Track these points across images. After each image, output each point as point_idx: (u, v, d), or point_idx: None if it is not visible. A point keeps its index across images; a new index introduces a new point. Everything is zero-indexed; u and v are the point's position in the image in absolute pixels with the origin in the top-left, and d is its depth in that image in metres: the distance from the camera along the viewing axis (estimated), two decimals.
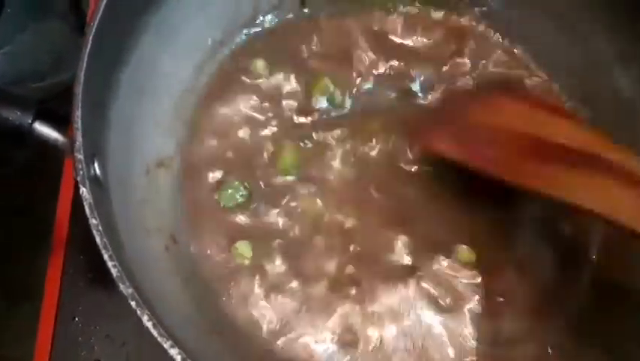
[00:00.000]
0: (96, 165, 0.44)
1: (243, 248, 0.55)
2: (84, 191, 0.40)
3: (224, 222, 0.57)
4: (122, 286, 0.38)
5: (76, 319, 0.57)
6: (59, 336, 0.56)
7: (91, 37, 0.44)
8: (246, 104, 0.62)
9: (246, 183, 0.58)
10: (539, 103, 0.58)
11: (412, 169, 0.60)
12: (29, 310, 0.58)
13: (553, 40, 0.64)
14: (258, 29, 0.65)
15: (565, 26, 0.63)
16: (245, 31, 0.64)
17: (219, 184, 0.58)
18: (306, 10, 0.66)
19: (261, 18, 0.65)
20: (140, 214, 0.52)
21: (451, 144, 0.58)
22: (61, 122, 0.44)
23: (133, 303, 0.37)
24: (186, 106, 0.60)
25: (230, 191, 0.57)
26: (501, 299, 0.56)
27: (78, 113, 0.42)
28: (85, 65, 0.43)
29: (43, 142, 0.44)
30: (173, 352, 0.37)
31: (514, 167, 0.53)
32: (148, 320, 0.37)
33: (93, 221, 0.39)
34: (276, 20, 0.66)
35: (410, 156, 0.61)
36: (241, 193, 0.57)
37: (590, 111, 0.62)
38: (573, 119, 0.56)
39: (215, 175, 0.58)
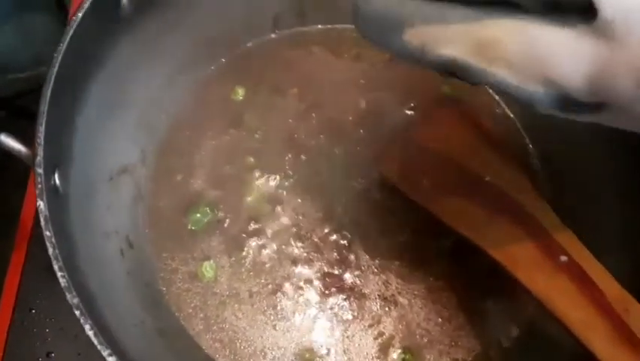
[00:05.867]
0: (57, 175, 0.47)
1: (207, 267, 0.59)
2: (41, 204, 0.43)
3: (181, 233, 0.60)
4: (68, 296, 0.41)
5: (33, 311, 0.60)
6: (16, 326, 0.60)
7: (60, 57, 0.47)
8: (212, 124, 0.66)
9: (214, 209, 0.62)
10: (483, 132, 0.62)
11: None
12: None
13: None
14: (231, 51, 0.69)
15: None
16: (217, 50, 0.68)
17: (187, 207, 0.61)
18: (278, 32, 0.70)
19: (235, 39, 0.69)
20: (100, 218, 0.56)
21: (391, 163, 0.62)
22: (26, 135, 0.47)
23: (77, 312, 0.41)
24: (152, 117, 0.63)
25: (198, 215, 0.61)
26: None
27: (41, 129, 0.45)
28: (52, 82, 0.46)
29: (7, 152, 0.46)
30: (111, 360, 0.40)
31: (440, 200, 0.58)
32: (90, 329, 0.41)
33: (47, 233, 0.42)
34: (251, 42, 0.70)
35: None
36: (208, 217, 0.61)
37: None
38: (510, 158, 0.60)
39: (176, 180, 0.62)
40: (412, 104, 0.68)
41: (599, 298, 0.48)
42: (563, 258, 0.51)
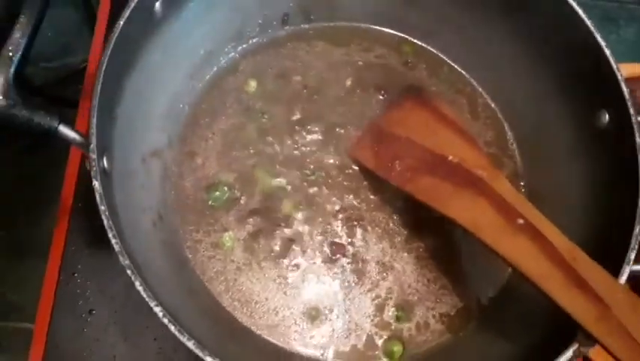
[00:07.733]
0: (105, 159, 0.55)
1: (227, 238, 0.68)
2: (96, 184, 0.51)
3: (204, 209, 0.69)
4: (121, 259, 0.50)
5: (76, 275, 0.70)
6: (61, 288, 0.69)
7: (106, 60, 0.55)
8: (227, 113, 0.74)
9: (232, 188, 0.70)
10: (441, 115, 0.69)
11: None
12: (37, 265, 0.70)
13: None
14: (245, 45, 0.78)
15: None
16: (232, 44, 0.76)
17: (207, 186, 0.70)
18: (287, 28, 0.78)
19: (248, 35, 0.77)
20: (137, 196, 0.64)
21: (366, 151, 0.70)
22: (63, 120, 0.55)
23: (129, 272, 0.49)
24: (177, 107, 0.72)
25: (217, 193, 0.70)
26: None
27: (94, 121, 0.53)
28: (101, 80, 0.54)
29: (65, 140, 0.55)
30: (157, 309, 0.49)
31: (408, 179, 0.65)
32: (139, 285, 0.49)
33: (102, 208, 0.51)
34: (262, 37, 0.78)
35: None
36: (226, 195, 0.70)
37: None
38: (466, 137, 0.67)
39: (197, 163, 0.71)
40: (383, 91, 0.77)
41: (552, 252, 0.55)
42: (520, 221, 0.58)
